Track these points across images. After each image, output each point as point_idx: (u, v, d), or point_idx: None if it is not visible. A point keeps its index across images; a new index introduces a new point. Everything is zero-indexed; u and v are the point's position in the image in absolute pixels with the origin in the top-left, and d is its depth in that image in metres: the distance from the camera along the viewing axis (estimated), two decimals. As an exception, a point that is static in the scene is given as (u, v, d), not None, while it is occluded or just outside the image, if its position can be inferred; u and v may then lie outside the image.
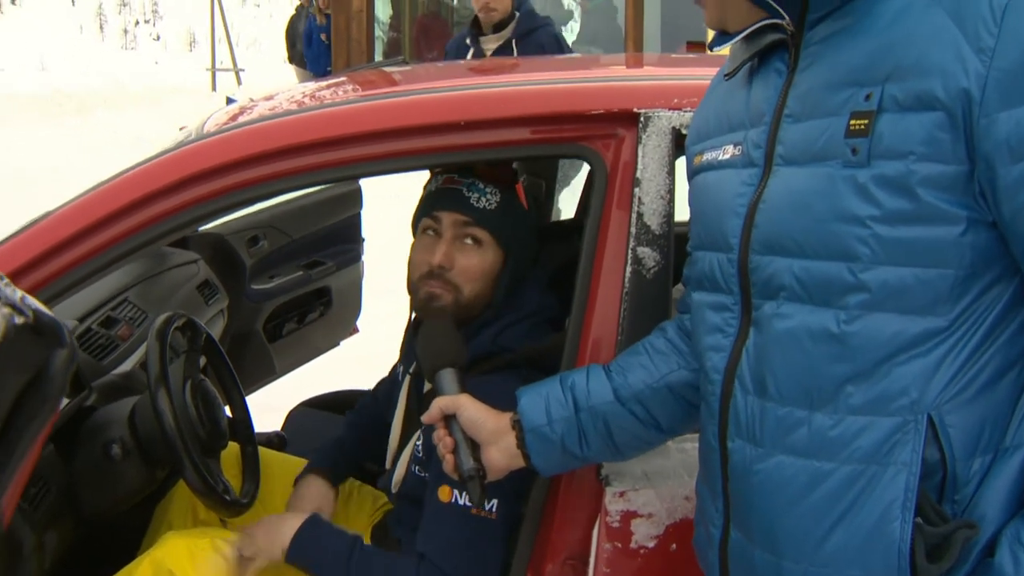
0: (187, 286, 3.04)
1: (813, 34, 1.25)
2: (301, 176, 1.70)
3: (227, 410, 2.32)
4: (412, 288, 1.99)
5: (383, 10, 11.81)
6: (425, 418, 1.61)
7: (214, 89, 21.86)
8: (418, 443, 1.93)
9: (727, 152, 1.36)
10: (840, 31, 1.22)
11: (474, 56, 5.06)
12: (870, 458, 1.18)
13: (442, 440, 1.58)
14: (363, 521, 2.26)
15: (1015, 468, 1.15)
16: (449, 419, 1.58)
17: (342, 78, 2.35)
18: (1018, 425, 1.16)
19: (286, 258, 3.67)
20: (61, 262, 1.70)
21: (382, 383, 2.42)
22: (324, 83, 2.30)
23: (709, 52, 1.46)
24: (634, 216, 1.61)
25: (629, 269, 1.61)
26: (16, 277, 1.65)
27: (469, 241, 1.93)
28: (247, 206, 1.84)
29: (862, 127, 1.16)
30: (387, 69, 2.41)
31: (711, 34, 1.40)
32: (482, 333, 1.93)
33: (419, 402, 2.01)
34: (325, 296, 3.86)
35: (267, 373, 3.77)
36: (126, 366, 2.43)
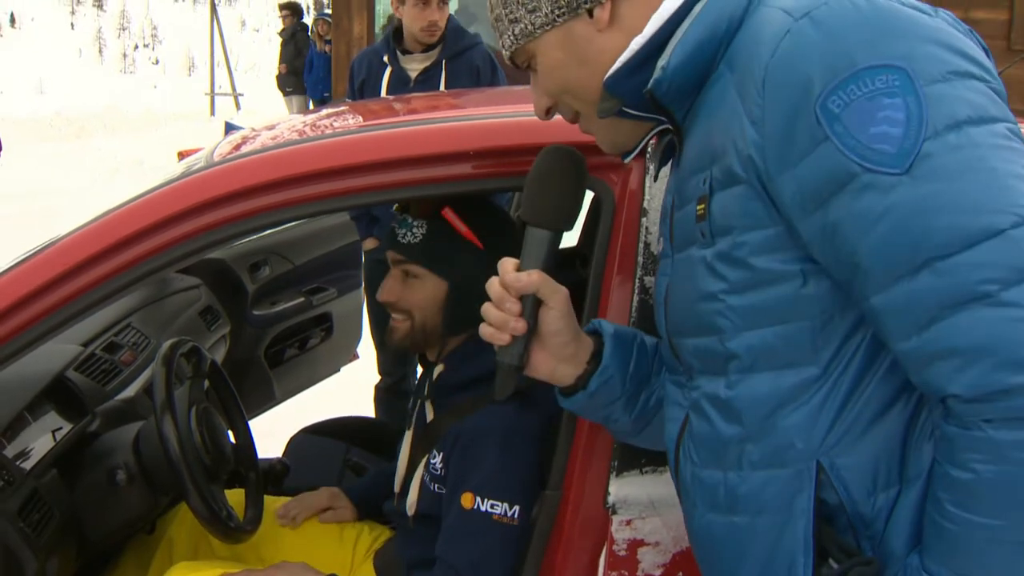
0: (189, 312, 3.05)
1: (685, 128, 1.31)
2: (303, 206, 1.71)
3: (230, 436, 2.33)
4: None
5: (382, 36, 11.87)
6: (498, 284, 1.38)
7: (213, 114, 21.95)
8: (433, 460, 1.93)
9: (661, 244, 1.44)
10: (694, 122, 1.28)
11: (393, 76, 4.37)
12: (776, 509, 1.22)
13: (514, 317, 1.37)
14: (362, 553, 2.26)
15: (914, 501, 1.17)
16: (526, 300, 1.37)
17: (342, 108, 2.36)
18: (913, 459, 1.18)
19: (288, 284, 3.68)
20: (66, 291, 1.70)
21: None
22: (325, 112, 2.31)
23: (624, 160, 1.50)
24: (641, 246, 1.62)
25: (636, 299, 1.62)
26: (21, 306, 1.66)
27: (408, 275, 2.01)
28: (246, 237, 1.85)
29: (702, 211, 1.22)
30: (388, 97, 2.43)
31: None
32: (481, 355, 1.94)
33: (424, 427, 2.02)
34: (326, 322, 3.87)
35: (268, 399, 3.77)
36: (129, 391, 2.44)
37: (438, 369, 2.03)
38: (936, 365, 1.06)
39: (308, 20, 14.23)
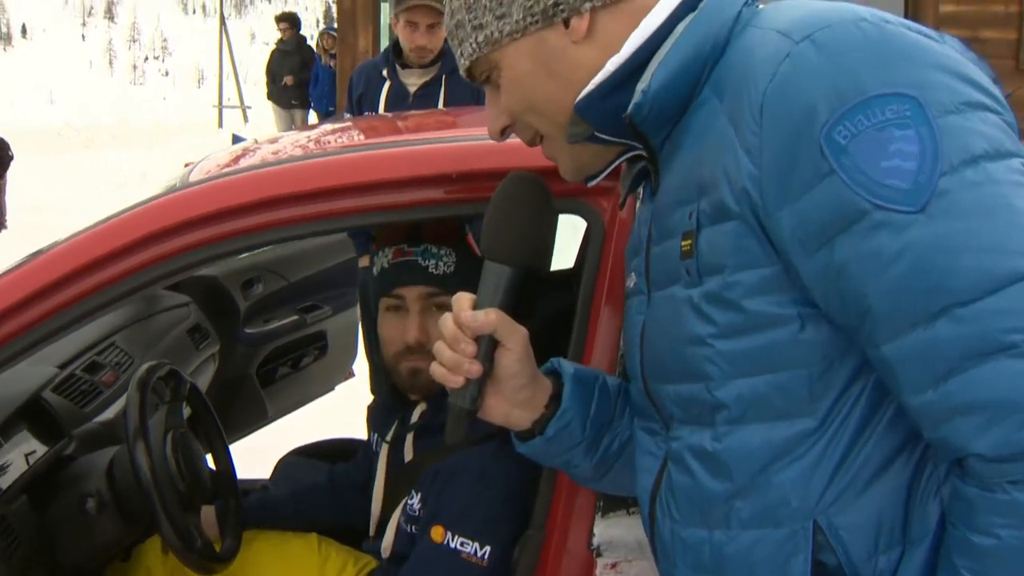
0: (177, 330, 2.98)
1: (663, 156, 1.22)
2: (293, 227, 1.65)
3: (211, 461, 2.26)
4: (388, 366, 1.95)
5: (389, 52, 11.85)
6: (452, 321, 1.29)
7: (220, 126, 21.99)
8: (410, 501, 1.86)
9: (632, 279, 1.34)
10: (673, 151, 1.20)
11: (391, 90, 4.38)
12: (769, 572, 1.13)
13: (468, 359, 1.27)
14: (346, 583, 2.19)
15: (919, 565, 1.08)
16: (482, 340, 1.27)
17: (346, 123, 2.30)
18: (918, 518, 1.09)
19: (281, 302, 3.62)
20: (47, 306, 1.65)
21: (358, 459, 2.38)
22: (329, 128, 2.26)
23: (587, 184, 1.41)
24: (631, 274, 1.56)
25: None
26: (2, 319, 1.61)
27: (436, 309, 1.88)
28: (236, 255, 1.79)
29: (688, 248, 1.13)
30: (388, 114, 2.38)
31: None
32: None
33: (401, 468, 1.95)
34: (320, 340, 3.80)
35: (259, 418, 3.71)
36: (108, 413, 2.38)
37: (419, 409, 1.96)
38: (956, 421, 0.98)
39: (305, 32, 14.14)
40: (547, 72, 1.22)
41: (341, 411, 4.63)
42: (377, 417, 2.16)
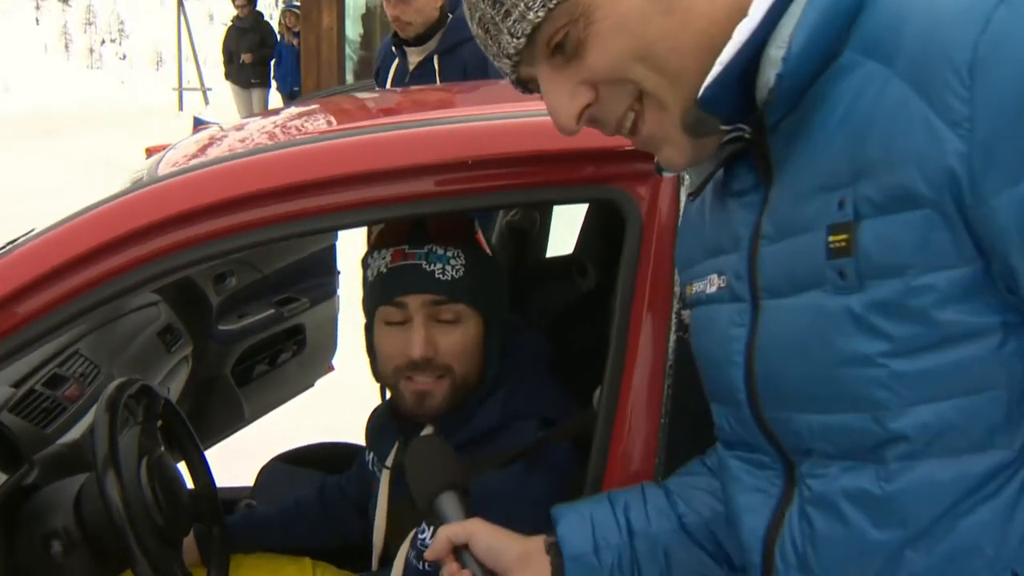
0: (146, 332, 2.76)
1: (776, 137, 1.02)
2: (269, 228, 1.43)
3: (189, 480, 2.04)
4: (388, 384, 1.73)
5: (353, 29, 11.57)
6: (429, 554, 1.32)
7: (181, 109, 21.64)
8: (421, 535, 1.66)
9: (713, 284, 1.13)
10: (801, 128, 0.99)
11: (399, 68, 4.41)
12: None
13: None
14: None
15: None
16: (460, 550, 1.29)
17: (313, 106, 2.07)
18: None
19: (256, 295, 3.40)
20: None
21: (351, 472, 2.17)
22: (296, 111, 2.03)
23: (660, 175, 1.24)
24: (678, 273, 1.34)
25: (673, 338, 1.34)
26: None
27: (445, 317, 1.66)
28: (212, 261, 1.57)
29: (843, 244, 0.93)
30: (360, 95, 2.15)
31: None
32: (487, 404, 1.67)
33: (406, 494, 1.74)
34: (299, 334, 3.60)
35: (236, 420, 3.51)
36: (74, 433, 2.14)
37: (425, 432, 1.74)
38: None
39: (263, 9, 13.76)
40: (662, 6, 0.98)
41: (322, 408, 4.44)
42: (375, 434, 1.95)
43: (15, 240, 1.63)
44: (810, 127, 0.97)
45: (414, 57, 4.32)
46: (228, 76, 13.48)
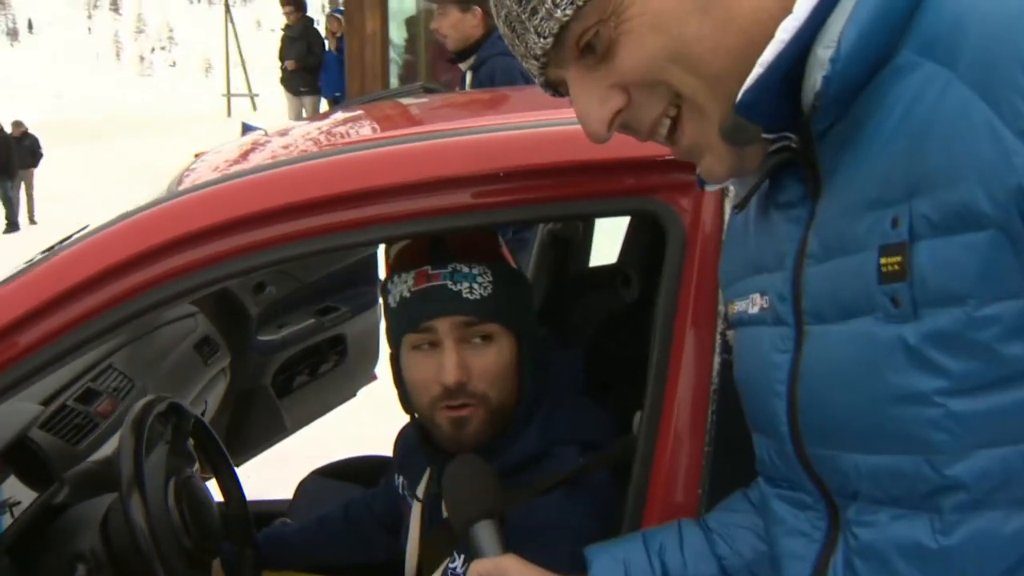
0: (183, 345, 2.72)
1: (825, 147, 0.93)
2: (308, 242, 1.38)
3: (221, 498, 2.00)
4: (423, 416, 1.64)
5: (398, 33, 11.54)
6: None
7: (229, 115, 21.85)
8: (452, 565, 1.59)
9: (755, 304, 1.04)
10: (852, 136, 0.90)
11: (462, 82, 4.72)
12: None
13: None
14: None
15: None
16: None
17: (358, 111, 2.02)
18: None
19: (296, 305, 3.36)
20: (28, 339, 1.39)
21: (379, 490, 2.11)
22: (341, 118, 1.97)
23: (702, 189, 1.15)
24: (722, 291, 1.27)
25: (718, 360, 1.26)
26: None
27: (477, 339, 1.57)
28: (247, 274, 1.52)
29: (896, 267, 0.84)
30: (404, 100, 2.09)
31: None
32: (525, 432, 1.59)
33: (438, 526, 1.67)
34: (340, 344, 3.55)
35: (276, 431, 3.48)
36: (106, 449, 2.10)
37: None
38: None
39: (312, 14, 13.84)
40: (699, 3, 0.90)
41: (365, 417, 4.40)
42: (405, 459, 1.88)
43: (65, 239, 1.59)
44: (861, 135, 0.88)
45: (465, 69, 4.57)
46: (282, 82, 13.63)
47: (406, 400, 1.67)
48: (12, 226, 16.58)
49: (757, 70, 0.88)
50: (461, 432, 1.57)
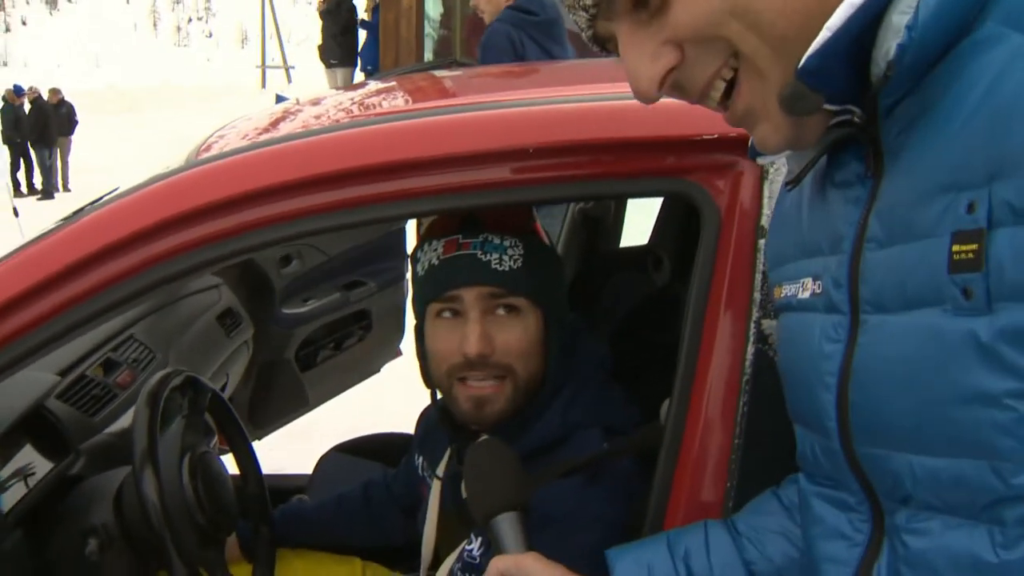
0: (205, 316, 2.69)
1: (891, 123, 0.87)
2: (333, 215, 1.33)
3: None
4: (442, 387, 1.60)
5: (433, 7, 11.47)
6: None
7: (264, 86, 21.88)
8: (469, 547, 1.55)
9: (806, 288, 0.97)
10: (923, 113, 0.84)
11: None
12: None
13: None
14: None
15: None
16: None
17: (391, 83, 1.97)
18: None
19: (321, 279, 3.32)
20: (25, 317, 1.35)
21: (398, 471, 2.07)
22: (373, 88, 1.92)
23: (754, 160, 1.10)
24: (758, 278, 1.21)
25: (751, 349, 1.21)
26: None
27: (502, 311, 1.53)
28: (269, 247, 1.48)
29: (970, 256, 0.77)
30: (436, 73, 2.04)
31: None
32: (546, 414, 1.54)
33: (457, 506, 1.63)
34: (365, 319, 3.51)
35: (299, 405, 3.45)
36: (123, 421, 2.07)
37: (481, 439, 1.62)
38: None
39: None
40: None
41: (388, 393, 4.37)
42: (425, 438, 1.84)
43: (91, 202, 1.55)
44: (935, 112, 0.82)
45: None
46: (319, 55, 13.70)
47: (427, 373, 1.63)
48: (47, 194, 16.72)
49: (824, 33, 0.81)
50: (482, 410, 1.53)
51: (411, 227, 3.59)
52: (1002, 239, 0.74)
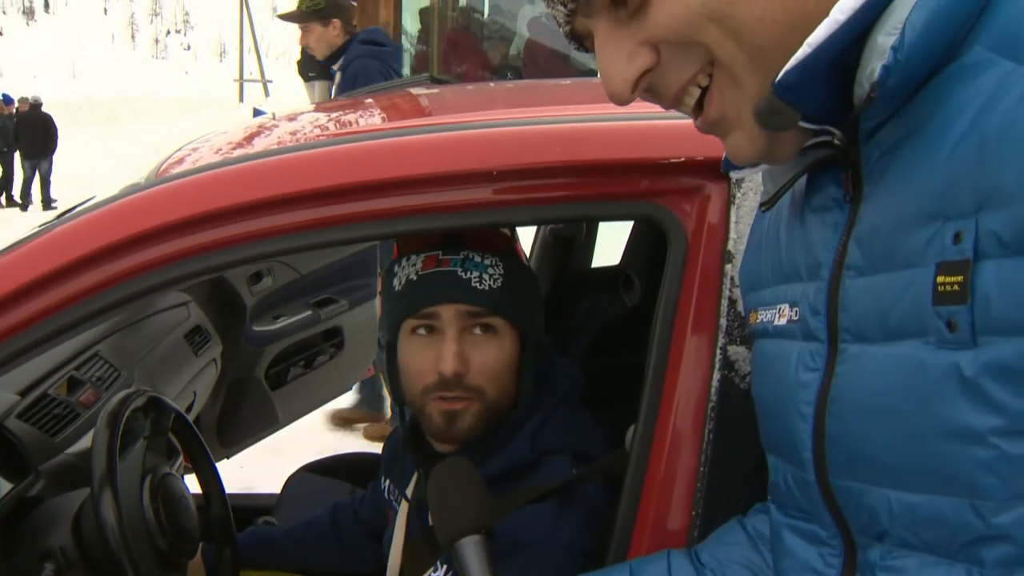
0: (173, 335, 2.65)
1: (873, 146, 0.85)
2: (300, 236, 1.31)
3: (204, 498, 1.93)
4: (414, 406, 1.58)
5: (411, 24, 11.47)
6: None
7: (241, 100, 21.83)
8: (434, 574, 1.53)
9: (783, 315, 0.96)
10: (907, 138, 0.82)
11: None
12: None
13: None
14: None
15: None
16: None
17: (361, 101, 1.95)
18: None
19: (293, 296, 3.30)
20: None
21: (365, 496, 2.05)
22: (343, 106, 1.91)
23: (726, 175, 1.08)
24: (724, 303, 1.19)
25: (717, 376, 1.20)
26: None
27: (479, 331, 1.52)
28: (245, 264, 1.45)
29: (955, 288, 0.76)
30: (409, 90, 2.02)
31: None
32: (516, 438, 1.53)
33: (423, 531, 1.61)
34: (336, 337, 3.49)
35: (268, 424, 3.42)
36: (85, 441, 2.03)
37: None
38: None
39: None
40: None
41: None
42: (392, 461, 1.81)
43: (66, 211, 1.52)
44: (920, 138, 0.80)
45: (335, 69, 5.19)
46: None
47: (397, 389, 1.61)
48: (47, 204, 16.50)
49: (804, 49, 0.79)
50: (452, 425, 1.52)
51: (384, 244, 3.58)
52: (989, 271, 0.73)
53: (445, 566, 1.50)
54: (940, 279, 0.76)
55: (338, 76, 5.14)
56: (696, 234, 1.22)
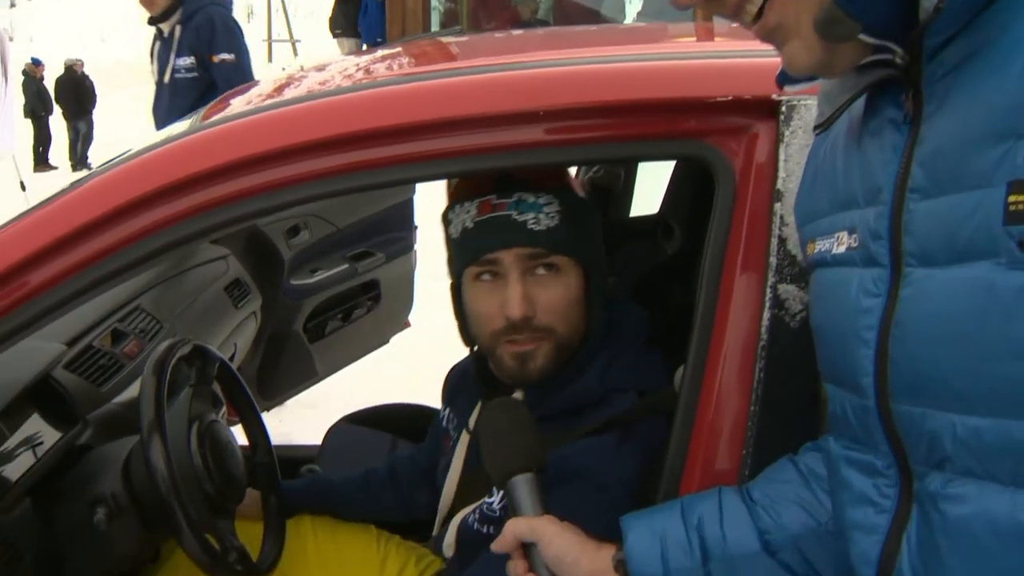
0: (213, 287, 2.67)
1: (936, 65, 0.83)
2: (333, 180, 1.30)
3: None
4: (485, 349, 1.59)
5: (440, -21, 11.40)
6: (496, 546, 1.22)
7: (271, 60, 21.78)
8: (489, 500, 1.54)
9: (841, 242, 0.95)
10: (973, 56, 0.80)
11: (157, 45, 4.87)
12: None
13: None
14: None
15: None
16: (529, 547, 1.19)
17: (397, 48, 1.95)
18: None
19: (330, 249, 3.32)
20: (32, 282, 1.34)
21: (425, 444, 2.05)
22: (379, 54, 1.90)
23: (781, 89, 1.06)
24: (774, 242, 1.18)
25: (768, 315, 1.19)
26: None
27: (542, 271, 1.51)
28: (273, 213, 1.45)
29: None
30: (444, 39, 2.01)
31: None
32: (586, 373, 1.53)
33: (481, 463, 1.62)
34: (373, 290, 3.51)
35: (307, 376, 3.45)
36: (131, 391, 2.06)
37: (515, 396, 1.59)
38: None
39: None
40: None
41: (397, 364, 4.36)
42: (458, 394, 1.82)
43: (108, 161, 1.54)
44: (988, 54, 0.78)
45: (165, 31, 4.73)
46: (329, 25, 13.73)
47: (466, 331, 1.62)
48: (83, 163, 16.61)
49: None
50: (525, 367, 1.52)
51: (419, 197, 3.57)
52: None
53: (501, 492, 1.51)
54: (1012, 198, 0.74)
55: (177, 31, 4.73)
56: (744, 173, 1.21)
